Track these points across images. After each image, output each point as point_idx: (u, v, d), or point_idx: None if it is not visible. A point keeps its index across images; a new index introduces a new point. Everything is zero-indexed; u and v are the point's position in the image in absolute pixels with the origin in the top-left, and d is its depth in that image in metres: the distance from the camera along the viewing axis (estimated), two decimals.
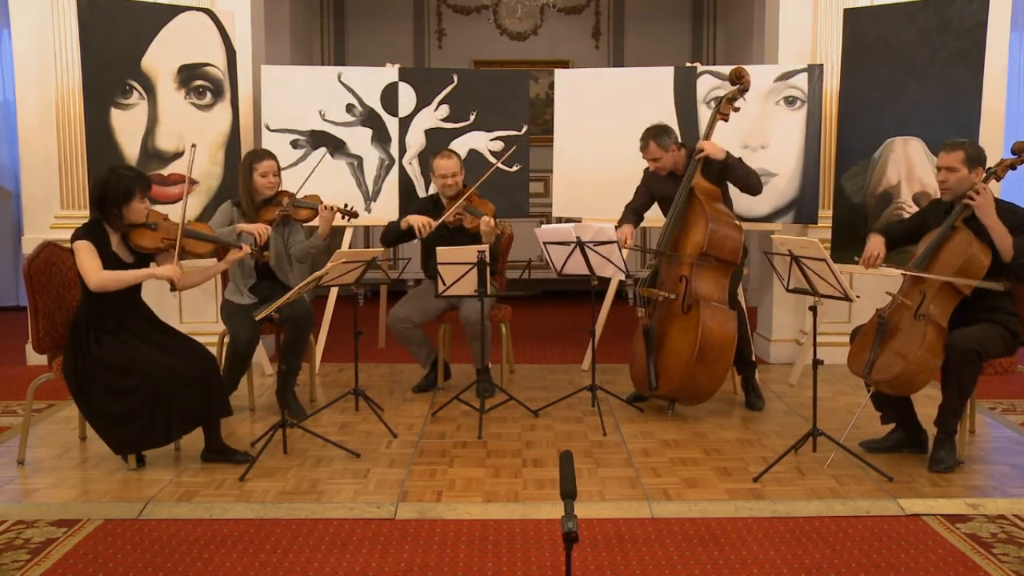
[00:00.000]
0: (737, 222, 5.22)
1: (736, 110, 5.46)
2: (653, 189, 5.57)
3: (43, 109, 6.59)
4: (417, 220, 5.51)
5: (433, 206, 5.74)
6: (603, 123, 6.47)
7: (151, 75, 6.10)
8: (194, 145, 4.88)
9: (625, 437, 4.89)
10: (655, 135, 5.39)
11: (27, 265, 4.39)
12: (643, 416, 5.28)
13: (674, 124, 6.15)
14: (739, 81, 5.42)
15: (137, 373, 4.16)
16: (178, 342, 4.43)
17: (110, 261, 4.27)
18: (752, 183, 5.30)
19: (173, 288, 4.43)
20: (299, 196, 5.26)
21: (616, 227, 5.32)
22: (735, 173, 5.29)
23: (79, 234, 4.24)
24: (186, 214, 4.51)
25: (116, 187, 4.24)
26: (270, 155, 5.27)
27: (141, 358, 4.20)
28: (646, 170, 5.60)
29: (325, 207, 5.14)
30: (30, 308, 4.41)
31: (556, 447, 4.72)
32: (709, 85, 6.33)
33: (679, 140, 5.50)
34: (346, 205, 5.26)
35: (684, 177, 5.30)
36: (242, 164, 5.31)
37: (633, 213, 5.61)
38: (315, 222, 5.19)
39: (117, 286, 4.25)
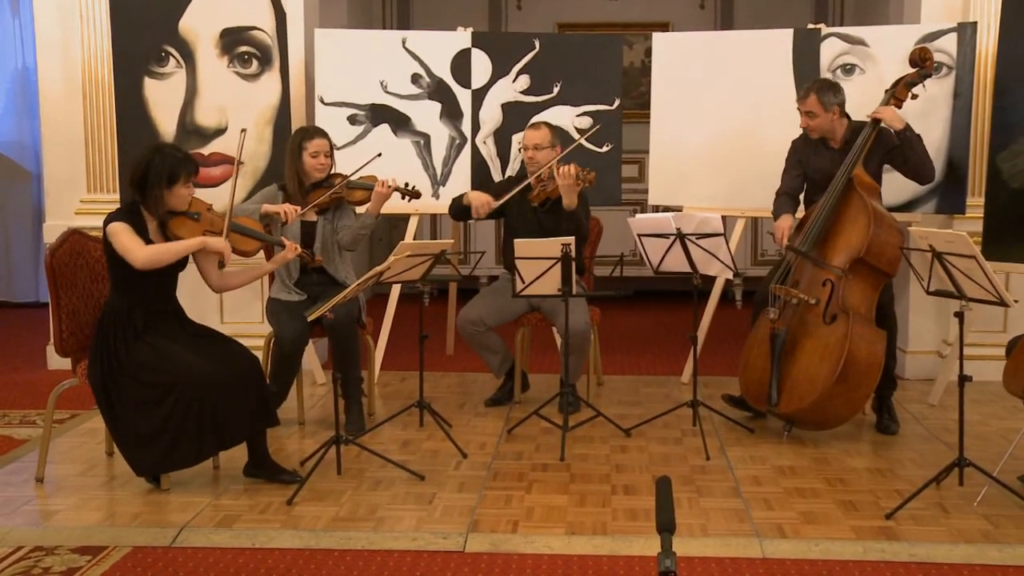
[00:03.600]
0: (899, 227, 5.14)
1: (914, 97, 5.43)
2: (805, 163, 5.50)
3: (68, 78, 6.69)
4: (477, 199, 5.55)
5: (516, 183, 5.72)
6: (708, 96, 6.40)
7: (190, 40, 6.20)
8: (244, 130, 4.94)
9: (732, 462, 4.84)
10: (819, 88, 5.36)
11: (49, 256, 4.46)
12: (753, 438, 5.22)
13: (792, 96, 6.05)
14: (922, 64, 5.40)
15: (169, 381, 4.22)
16: (216, 345, 4.49)
17: None
18: (928, 166, 5.32)
19: (222, 266, 4.54)
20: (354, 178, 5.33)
21: (774, 218, 5.38)
22: (911, 150, 5.24)
23: (114, 217, 4.33)
24: (233, 205, 4.59)
25: (160, 168, 4.31)
26: (322, 133, 5.40)
27: (174, 364, 4.26)
28: (794, 142, 5.56)
29: (382, 184, 5.24)
30: (52, 305, 4.48)
31: (651, 472, 4.70)
32: (836, 50, 6.22)
33: (845, 106, 5.42)
34: (407, 184, 5.31)
35: (850, 151, 5.23)
36: (290, 142, 5.43)
37: (791, 200, 5.53)
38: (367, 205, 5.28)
39: (168, 259, 4.34)
